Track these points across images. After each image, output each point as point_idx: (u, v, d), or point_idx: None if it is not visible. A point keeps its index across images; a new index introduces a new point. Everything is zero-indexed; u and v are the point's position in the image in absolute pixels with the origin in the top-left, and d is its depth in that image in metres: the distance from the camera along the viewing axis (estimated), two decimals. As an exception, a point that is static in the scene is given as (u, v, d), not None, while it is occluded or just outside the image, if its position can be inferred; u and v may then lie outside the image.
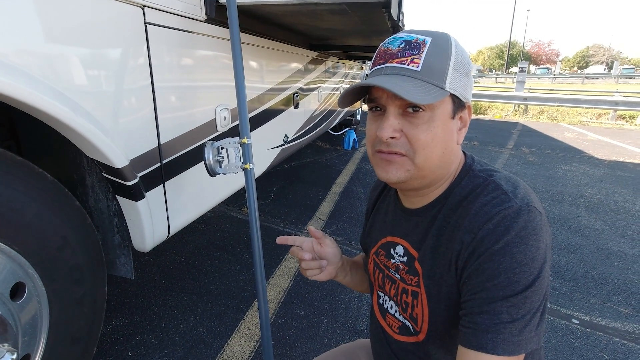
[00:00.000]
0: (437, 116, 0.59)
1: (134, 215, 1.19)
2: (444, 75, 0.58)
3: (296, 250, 0.79)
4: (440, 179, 0.65)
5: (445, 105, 0.60)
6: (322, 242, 0.81)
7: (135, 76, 1.16)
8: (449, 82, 0.59)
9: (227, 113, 1.69)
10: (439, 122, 0.59)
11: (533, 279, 0.53)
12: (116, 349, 1.55)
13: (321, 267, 0.80)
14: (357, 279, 0.90)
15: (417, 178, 0.63)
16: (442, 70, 0.58)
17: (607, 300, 2.01)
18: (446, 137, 0.61)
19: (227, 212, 3.00)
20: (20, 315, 0.91)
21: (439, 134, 0.60)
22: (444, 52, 0.59)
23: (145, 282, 2.03)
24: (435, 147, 0.60)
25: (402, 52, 0.60)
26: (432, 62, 0.58)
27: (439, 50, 0.59)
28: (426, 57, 0.58)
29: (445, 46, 0.59)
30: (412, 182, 0.63)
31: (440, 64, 0.58)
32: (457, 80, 0.60)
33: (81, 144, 1.03)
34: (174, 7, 1.28)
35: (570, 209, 3.31)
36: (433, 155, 0.60)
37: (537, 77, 31.99)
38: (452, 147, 0.63)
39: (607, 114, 9.41)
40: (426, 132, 0.59)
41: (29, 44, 0.86)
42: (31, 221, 0.92)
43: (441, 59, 0.59)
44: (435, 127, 0.59)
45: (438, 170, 0.63)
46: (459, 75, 0.60)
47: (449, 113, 0.60)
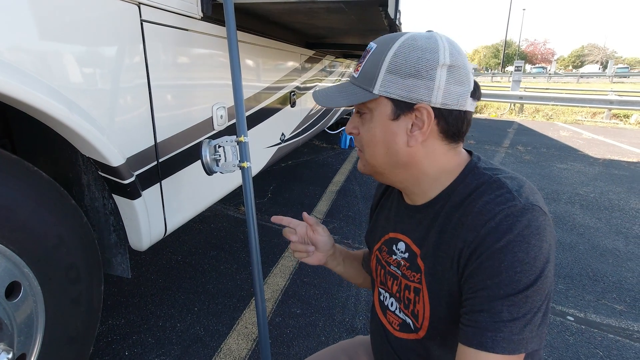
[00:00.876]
0: (375, 117, 0.63)
1: (131, 213, 1.19)
2: (373, 80, 0.61)
3: (287, 232, 0.85)
4: (414, 178, 0.66)
5: (382, 107, 0.62)
6: (314, 229, 0.85)
7: (131, 74, 1.16)
8: (380, 85, 0.61)
9: (224, 111, 1.69)
10: (376, 123, 0.63)
11: (535, 278, 0.53)
12: (113, 348, 1.54)
13: (308, 252, 0.84)
14: (352, 271, 0.93)
15: (376, 173, 0.69)
16: (372, 74, 0.61)
17: (601, 297, 2.03)
18: (387, 137, 0.63)
19: (224, 211, 2.99)
20: (16, 314, 0.90)
21: (378, 135, 0.64)
22: (378, 58, 0.61)
23: (142, 281, 2.02)
24: (376, 146, 0.65)
25: (359, 60, 0.66)
26: (367, 68, 0.63)
27: (375, 56, 0.62)
28: (365, 64, 0.63)
29: (383, 51, 0.61)
30: (377, 176, 0.70)
31: (372, 69, 0.62)
32: (393, 83, 0.60)
33: (77, 142, 1.02)
34: (170, 5, 1.27)
35: (565, 207, 3.33)
36: (375, 154, 0.65)
37: (533, 76, 32.14)
38: (398, 148, 0.63)
39: (601, 112, 9.48)
40: (367, 132, 0.65)
41: (23, 41, 0.85)
42: (26, 220, 0.91)
43: (374, 64, 0.62)
44: (373, 127, 0.64)
45: (394, 169, 0.66)
46: (396, 77, 0.59)
47: (387, 115, 0.62)
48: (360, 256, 0.95)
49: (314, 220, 0.85)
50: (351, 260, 0.93)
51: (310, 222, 0.84)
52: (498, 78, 28.81)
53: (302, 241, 0.85)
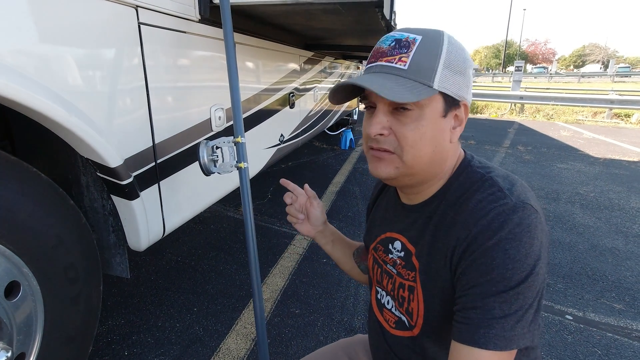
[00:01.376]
0: (425, 115, 0.59)
1: (129, 214, 1.20)
2: (432, 74, 0.58)
3: (287, 196, 0.93)
4: (433, 176, 0.65)
5: (435, 103, 0.59)
6: (310, 201, 0.93)
7: (129, 76, 1.17)
8: (438, 80, 0.58)
9: (222, 113, 1.70)
10: (427, 121, 0.59)
11: (526, 275, 0.53)
12: (112, 349, 1.55)
13: (298, 218, 0.92)
14: (340, 255, 0.96)
15: (406, 175, 0.63)
16: (430, 68, 0.58)
17: (600, 296, 2.03)
18: (436, 135, 0.61)
19: (224, 212, 3.00)
20: (15, 314, 0.91)
21: (428, 133, 0.60)
22: (434, 50, 0.59)
23: (142, 281, 2.03)
24: (424, 146, 0.60)
25: (391, 51, 0.60)
26: (420, 60, 0.58)
27: (428, 49, 0.58)
28: (414, 56, 0.58)
29: (436, 44, 0.59)
30: (402, 179, 0.64)
31: (429, 62, 0.58)
32: (448, 79, 0.59)
33: (75, 144, 1.03)
34: (168, 8, 1.29)
35: (565, 207, 3.33)
36: (422, 154, 0.61)
37: (534, 76, 32.11)
38: (444, 145, 0.63)
39: (602, 112, 9.47)
40: (414, 131, 0.59)
41: (22, 44, 0.86)
42: (25, 220, 0.92)
43: (430, 57, 0.58)
44: (423, 125, 0.59)
45: (429, 169, 0.63)
46: (451, 73, 0.59)
47: (439, 112, 0.60)
48: (353, 245, 0.97)
49: (313, 194, 0.93)
50: (342, 245, 0.96)
51: (309, 194, 0.93)
52: (499, 78, 28.78)
53: (298, 209, 0.92)
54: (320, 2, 1.42)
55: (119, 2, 1.09)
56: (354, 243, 0.98)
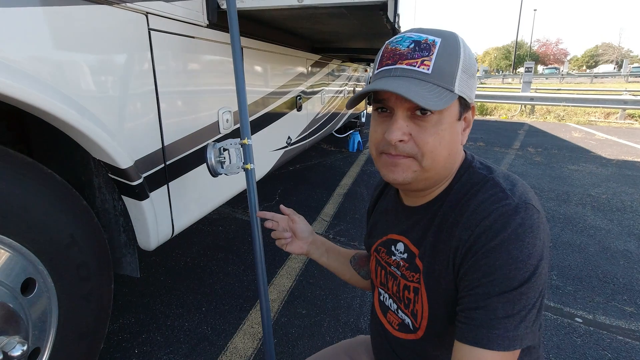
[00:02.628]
0: (444, 119, 0.59)
1: (139, 214, 1.23)
2: (454, 78, 0.58)
3: (267, 223, 0.94)
4: (443, 178, 0.66)
5: (453, 107, 0.60)
6: (291, 218, 0.92)
7: (140, 80, 1.21)
8: (458, 84, 0.58)
9: (229, 115, 1.73)
10: (446, 125, 0.59)
11: (529, 276, 0.53)
12: (123, 347, 1.59)
13: (285, 238, 0.92)
14: (337, 265, 0.95)
15: (422, 179, 0.63)
16: (452, 72, 0.58)
17: (611, 299, 2.00)
18: (453, 139, 0.61)
19: (232, 214, 3.04)
20: (31, 309, 0.95)
21: (446, 137, 0.60)
22: (454, 54, 0.58)
23: (152, 282, 2.07)
24: (443, 150, 0.60)
25: (411, 53, 0.58)
26: (442, 64, 0.57)
27: (449, 52, 0.58)
28: (436, 59, 0.57)
29: (455, 48, 0.59)
30: (417, 183, 0.64)
31: (450, 67, 0.58)
32: (465, 82, 0.59)
33: (88, 146, 1.07)
34: (177, 14, 1.32)
35: (576, 209, 3.29)
36: (440, 158, 0.61)
37: (545, 77, 31.66)
38: (457, 148, 0.64)
39: (615, 113, 9.29)
40: (434, 136, 0.59)
41: (39, 51, 0.90)
42: (41, 220, 0.96)
43: (451, 61, 0.58)
44: (442, 130, 0.59)
45: (443, 172, 0.64)
46: (467, 76, 0.60)
47: (455, 115, 0.61)
48: (348, 253, 0.97)
49: (290, 211, 0.94)
50: (336, 254, 0.96)
51: (287, 212, 0.93)
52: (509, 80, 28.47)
53: (283, 229, 0.93)
54: (325, 6, 1.45)
55: (130, 9, 1.13)
56: (348, 251, 0.98)
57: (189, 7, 1.38)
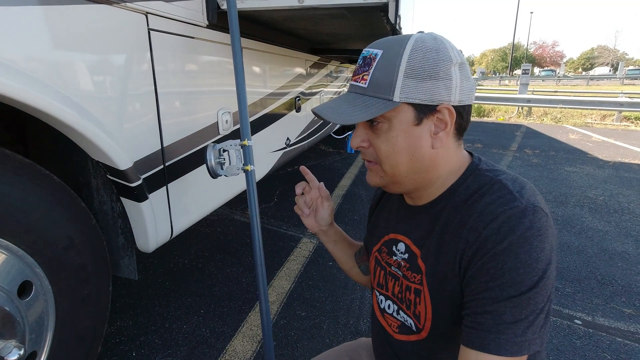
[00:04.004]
0: (394, 126, 0.60)
1: (138, 216, 1.22)
2: (391, 87, 0.59)
3: (300, 185, 0.92)
4: (427, 182, 0.65)
5: (403, 114, 0.60)
6: (322, 200, 0.92)
7: (139, 81, 1.20)
8: (400, 92, 0.58)
9: (229, 116, 1.72)
10: (398, 132, 0.61)
11: (537, 280, 0.53)
12: (120, 349, 1.57)
13: (302, 212, 0.91)
14: (341, 255, 0.96)
15: (394, 183, 0.66)
16: (389, 82, 0.59)
17: (610, 300, 2.00)
18: (411, 144, 0.61)
19: (231, 215, 3.03)
20: (28, 313, 0.94)
21: (400, 143, 0.61)
22: (392, 64, 0.59)
23: (150, 284, 2.05)
24: (399, 155, 0.62)
25: (359, 70, 0.63)
26: (378, 76, 0.60)
27: (386, 63, 0.59)
28: (373, 72, 0.60)
29: (394, 56, 0.59)
30: (392, 186, 0.67)
31: (386, 77, 0.59)
32: (414, 88, 0.58)
33: (86, 147, 1.06)
34: (177, 14, 1.31)
35: (574, 210, 3.30)
36: (397, 163, 0.62)
37: (542, 80, 31.83)
38: (422, 153, 0.62)
39: (612, 115, 9.35)
40: (386, 142, 0.62)
41: (37, 51, 0.89)
42: (38, 221, 0.95)
43: (387, 71, 0.59)
44: (394, 136, 0.61)
45: (414, 176, 0.64)
46: (416, 81, 0.58)
47: (410, 121, 0.60)
48: (356, 246, 0.97)
49: (326, 194, 0.92)
50: (344, 246, 0.96)
51: (322, 194, 0.92)
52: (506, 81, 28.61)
53: (308, 202, 0.91)
54: (326, 6, 1.44)
55: (130, 9, 1.12)
56: (358, 244, 0.98)
57: (189, 7, 1.37)
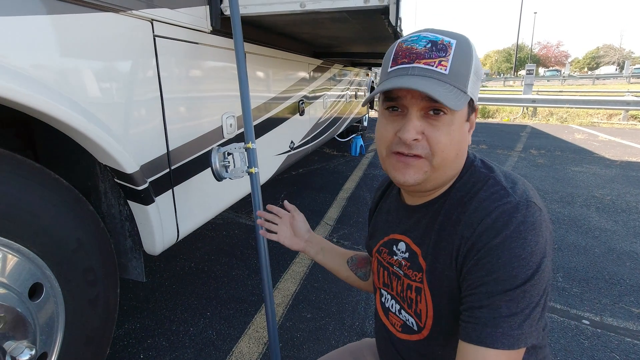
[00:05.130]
0: (456, 119, 0.60)
1: (144, 219, 1.24)
2: (467, 80, 0.59)
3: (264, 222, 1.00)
4: (450, 178, 0.66)
5: (464, 109, 0.61)
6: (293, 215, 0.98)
7: (145, 86, 1.22)
8: (470, 86, 0.60)
9: (233, 120, 1.74)
10: (457, 125, 0.61)
11: (532, 273, 0.53)
12: (128, 352, 1.59)
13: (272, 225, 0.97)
14: (333, 264, 0.97)
15: (431, 180, 0.63)
16: (466, 74, 0.59)
17: (618, 300, 1.98)
18: (462, 139, 0.63)
19: (236, 219, 3.05)
20: (39, 314, 0.96)
21: (457, 137, 0.61)
22: (468, 56, 0.60)
23: (157, 287, 2.07)
24: (452, 149, 0.61)
25: (429, 53, 0.59)
26: (458, 65, 0.59)
27: (463, 54, 0.59)
28: (453, 60, 0.58)
29: (469, 50, 0.60)
30: (426, 183, 0.64)
31: (465, 69, 0.59)
32: (474, 84, 0.61)
33: (94, 151, 1.08)
34: (181, 20, 1.34)
35: (580, 210, 3.27)
36: (449, 157, 0.61)
37: (547, 80, 31.65)
38: (464, 148, 0.65)
39: (618, 114, 9.27)
40: (446, 135, 0.60)
41: (47, 59, 0.92)
42: (48, 224, 0.97)
43: (465, 63, 0.59)
44: (454, 130, 0.60)
45: (450, 171, 0.65)
46: (475, 79, 0.61)
47: (465, 116, 0.62)
48: (345, 253, 0.97)
49: (293, 207, 0.99)
50: (333, 253, 0.97)
51: (290, 208, 0.99)
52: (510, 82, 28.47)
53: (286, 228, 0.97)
54: (328, 10, 1.46)
55: (136, 16, 1.15)
56: (346, 251, 0.98)
57: (193, 13, 1.40)
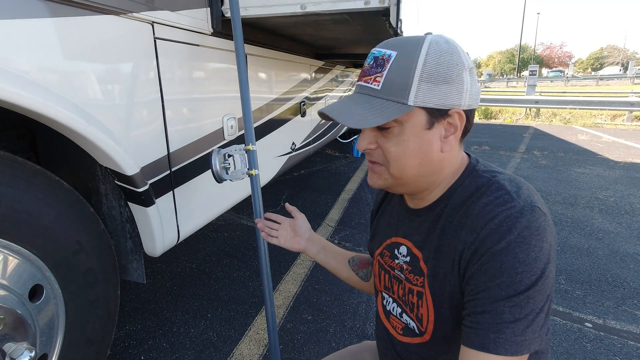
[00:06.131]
0: (406, 130, 0.60)
1: (145, 220, 1.24)
2: (406, 90, 0.58)
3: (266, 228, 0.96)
4: (430, 184, 0.65)
5: (415, 118, 0.59)
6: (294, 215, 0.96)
7: (146, 88, 1.22)
8: (414, 96, 0.57)
9: (234, 122, 1.75)
10: (409, 135, 0.60)
11: (536, 279, 0.53)
12: (129, 353, 1.59)
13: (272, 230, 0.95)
14: (334, 264, 0.96)
15: (398, 185, 0.66)
16: (405, 85, 0.58)
17: (621, 303, 1.97)
18: (422, 148, 0.61)
19: (238, 220, 3.05)
20: (39, 316, 0.96)
21: (411, 147, 0.60)
22: (408, 67, 0.58)
23: (158, 288, 2.08)
24: (409, 159, 0.61)
25: (369, 70, 0.62)
26: (393, 78, 0.58)
27: (402, 65, 0.58)
28: (387, 74, 0.59)
29: (411, 59, 0.58)
30: (395, 188, 0.67)
31: (402, 79, 0.58)
32: (428, 92, 0.58)
33: (95, 153, 1.09)
34: (182, 22, 1.34)
35: (583, 212, 3.25)
36: (407, 167, 0.62)
37: (550, 80, 31.52)
38: (433, 156, 0.62)
39: (622, 115, 9.21)
40: (396, 146, 0.61)
41: (48, 61, 0.92)
42: (49, 226, 0.97)
43: (403, 74, 0.58)
44: (405, 140, 0.60)
45: (421, 179, 0.64)
46: (431, 85, 0.58)
47: (422, 125, 0.60)
48: (346, 254, 0.97)
49: (294, 208, 0.97)
50: (333, 253, 0.96)
51: (290, 209, 0.97)
52: (513, 83, 28.38)
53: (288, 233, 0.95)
54: (328, 12, 1.46)
55: (136, 18, 1.15)
56: (346, 252, 0.98)
57: (194, 15, 1.40)
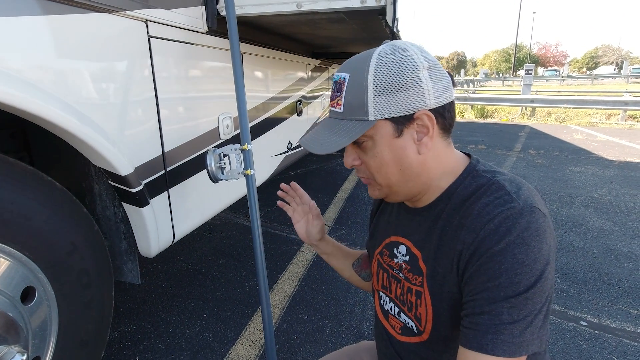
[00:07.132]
0: (377, 142, 0.62)
1: (139, 221, 1.23)
2: (364, 108, 0.59)
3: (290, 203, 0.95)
4: (422, 186, 0.66)
5: (382, 129, 0.61)
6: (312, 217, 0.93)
7: (140, 87, 1.21)
8: (373, 110, 0.59)
9: (229, 121, 1.73)
10: (382, 147, 0.62)
11: (535, 280, 0.53)
12: (124, 354, 1.58)
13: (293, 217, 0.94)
14: (337, 264, 0.97)
15: (391, 193, 0.67)
16: (361, 103, 0.60)
17: (616, 301, 1.98)
18: (397, 155, 0.62)
19: (234, 220, 3.04)
20: (31, 318, 0.95)
21: (386, 156, 0.63)
22: (360, 85, 0.59)
23: (153, 288, 2.06)
24: (388, 168, 0.63)
25: (333, 95, 0.65)
26: (350, 99, 0.61)
27: (355, 85, 0.60)
28: (345, 97, 0.62)
29: (361, 77, 0.59)
30: (392, 196, 0.68)
31: (358, 99, 0.60)
32: (385, 103, 0.59)
33: (88, 153, 1.07)
34: (177, 21, 1.33)
35: (578, 211, 3.27)
36: (389, 175, 0.64)
37: (545, 80, 31.69)
38: (411, 160, 0.63)
39: (617, 114, 9.28)
40: (373, 158, 0.64)
41: (40, 60, 0.91)
42: (41, 227, 0.96)
43: (358, 93, 0.60)
44: (379, 152, 0.62)
45: (409, 184, 0.65)
46: (386, 97, 0.59)
47: (390, 134, 0.61)
48: (353, 255, 0.97)
49: (317, 213, 0.93)
50: (340, 256, 0.96)
51: (313, 212, 0.93)
52: (509, 82, 28.50)
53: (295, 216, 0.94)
54: (324, 11, 1.45)
55: (130, 17, 1.14)
56: (354, 253, 0.98)
57: (188, 14, 1.39)
